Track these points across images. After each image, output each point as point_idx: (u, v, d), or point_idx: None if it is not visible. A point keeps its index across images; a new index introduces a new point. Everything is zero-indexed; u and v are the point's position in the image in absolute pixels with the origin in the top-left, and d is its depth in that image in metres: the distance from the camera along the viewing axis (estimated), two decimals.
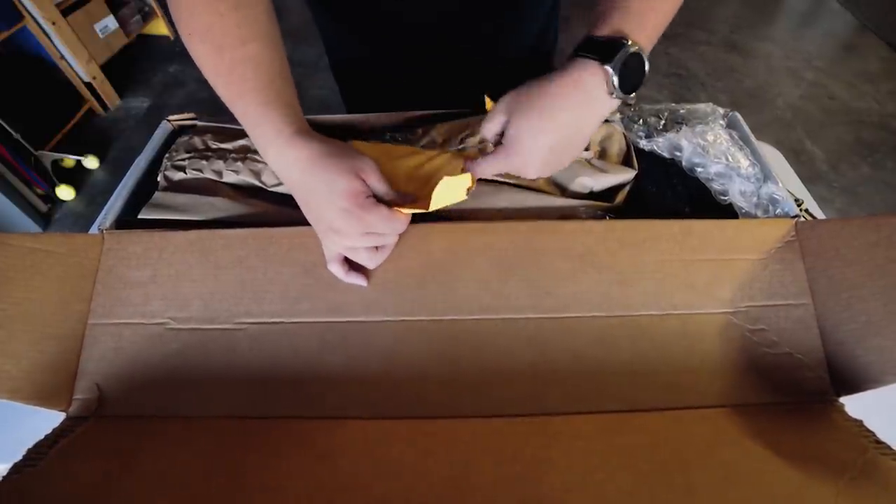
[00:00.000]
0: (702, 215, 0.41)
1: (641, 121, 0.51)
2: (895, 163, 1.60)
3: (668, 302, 0.37)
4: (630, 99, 0.34)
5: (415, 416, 0.34)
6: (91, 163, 1.57)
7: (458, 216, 0.42)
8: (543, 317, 0.37)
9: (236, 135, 0.49)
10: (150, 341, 0.37)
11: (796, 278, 0.38)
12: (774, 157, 0.62)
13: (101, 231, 0.41)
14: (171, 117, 0.54)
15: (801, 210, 0.42)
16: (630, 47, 0.32)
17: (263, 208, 0.43)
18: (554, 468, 0.30)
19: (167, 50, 2.07)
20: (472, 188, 0.37)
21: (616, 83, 0.33)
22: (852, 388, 0.34)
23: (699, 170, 0.47)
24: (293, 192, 0.36)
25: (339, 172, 0.33)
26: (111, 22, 1.75)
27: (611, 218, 0.42)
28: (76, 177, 1.56)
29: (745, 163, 0.46)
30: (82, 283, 0.39)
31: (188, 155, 0.48)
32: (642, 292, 0.38)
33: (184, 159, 0.47)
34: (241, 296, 0.38)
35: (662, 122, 0.51)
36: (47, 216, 1.47)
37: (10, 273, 0.34)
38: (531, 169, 0.36)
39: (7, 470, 0.28)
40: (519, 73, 0.40)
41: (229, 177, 0.46)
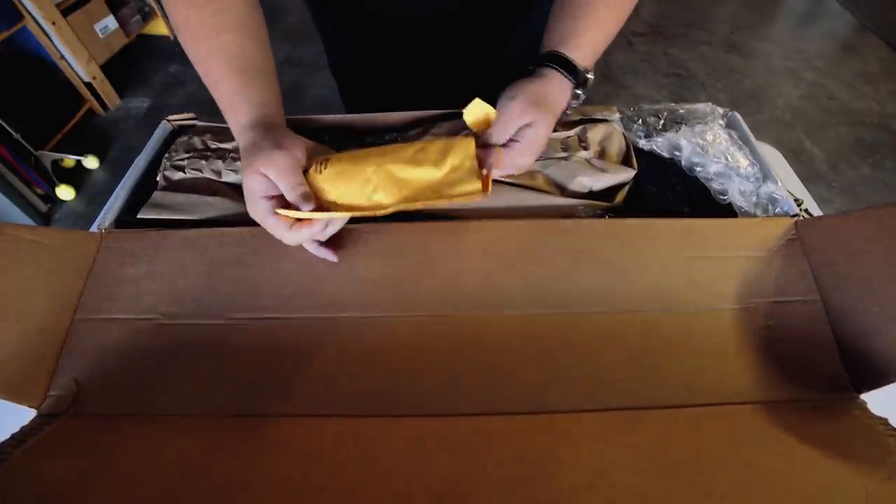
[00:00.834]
0: (701, 215, 0.41)
1: (641, 120, 0.51)
2: (895, 163, 1.60)
3: (672, 298, 0.37)
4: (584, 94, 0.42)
5: (411, 414, 0.33)
6: (91, 163, 1.57)
7: (458, 215, 0.42)
8: (544, 313, 0.36)
9: None
10: (138, 337, 0.36)
11: (802, 275, 0.37)
12: (774, 157, 0.62)
13: (100, 230, 0.41)
14: (170, 117, 0.54)
15: (800, 210, 0.42)
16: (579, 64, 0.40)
17: None
18: (563, 468, 0.28)
19: (167, 50, 2.07)
20: (487, 194, 0.35)
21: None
22: (873, 382, 0.32)
23: (698, 169, 0.47)
24: None
25: (247, 169, 0.34)
26: (111, 22, 1.75)
27: (610, 217, 0.42)
28: (76, 177, 1.56)
29: (744, 162, 0.46)
30: (73, 278, 0.38)
31: (187, 155, 0.48)
32: (645, 288, 0.37)
33: (183, 159, 0.48)
34: (235, 292, 0.38)
35: (662, 121, 0.51)
36: (47, 216, 1.46)
37: (1, 261, 0.33)
38: (533, 159, 0.40)
39: None
40: (518, 73, 0.40)
41: (228, 176, 0.46)
